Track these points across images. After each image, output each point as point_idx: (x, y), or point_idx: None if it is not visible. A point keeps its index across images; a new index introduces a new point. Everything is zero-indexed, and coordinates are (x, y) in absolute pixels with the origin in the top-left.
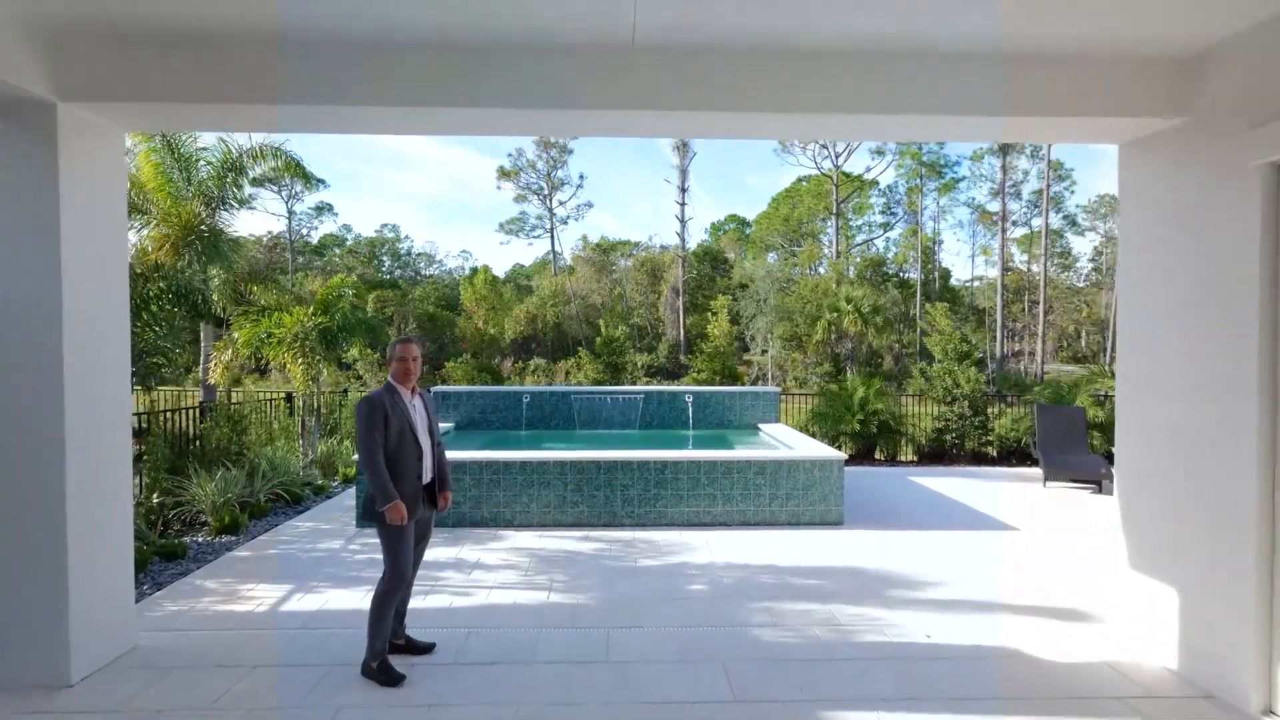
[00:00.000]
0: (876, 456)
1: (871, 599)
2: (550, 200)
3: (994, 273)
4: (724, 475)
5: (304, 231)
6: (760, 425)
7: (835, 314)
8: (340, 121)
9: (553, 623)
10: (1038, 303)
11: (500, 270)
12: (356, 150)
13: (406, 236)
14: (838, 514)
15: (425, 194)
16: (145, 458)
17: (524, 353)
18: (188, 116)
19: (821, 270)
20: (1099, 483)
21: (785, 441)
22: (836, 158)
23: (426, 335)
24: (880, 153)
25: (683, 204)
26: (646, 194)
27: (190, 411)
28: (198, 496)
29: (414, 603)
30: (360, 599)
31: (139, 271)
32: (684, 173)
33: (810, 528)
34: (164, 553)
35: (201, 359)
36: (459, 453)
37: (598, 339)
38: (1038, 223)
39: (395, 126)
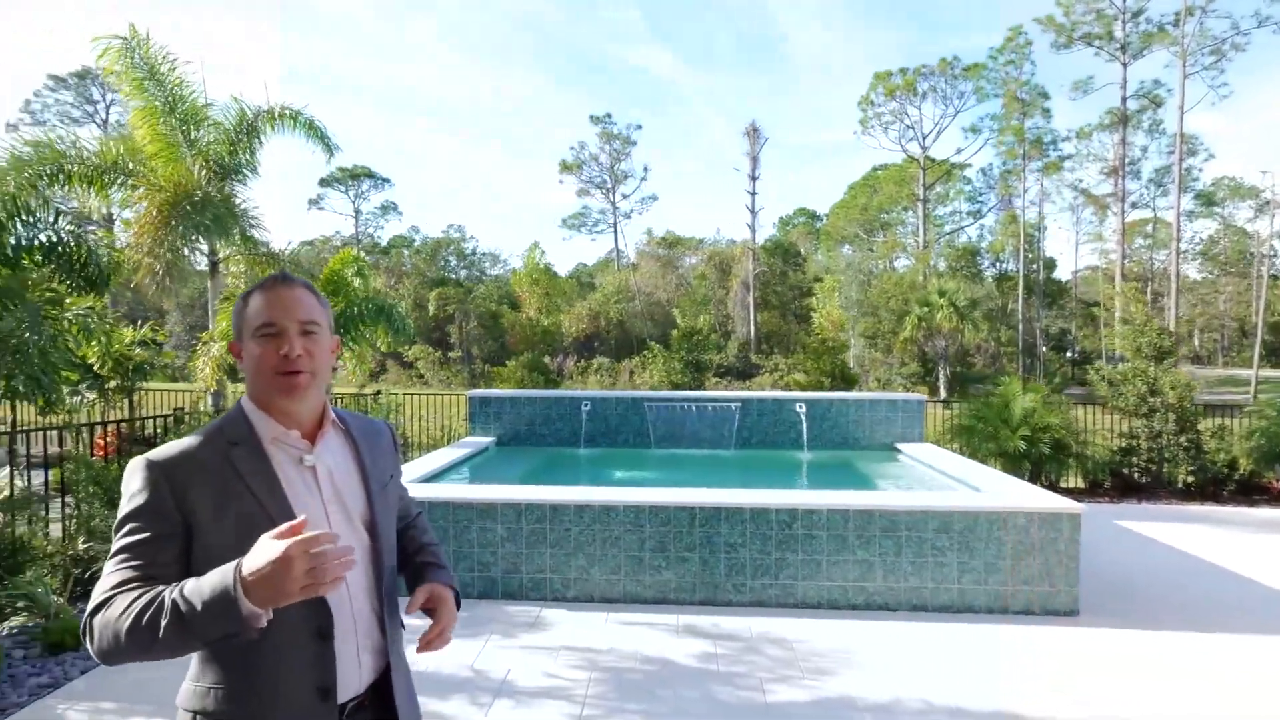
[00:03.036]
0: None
1: None
2: (613, 194)
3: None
4: (886, 533)
5: (371, 231)
6: (899, 445)
7: (926, 309)
8: None
9: None
10: (1162, 295)
11: (563, 269)
12: (419, 151)
13: (472, 237)
14: (1070, 598)
15: (489, 193)
16: (73, 488)
17: (586, 351)
18: None
19: (901, 262)
20: None
21: (955, 474)
22: (924, 139)
23: (488, 335)
24: (975, 130)
25: (753, 193)
26: (713, 186)
27: (153, 422)
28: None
29: None
30: None
31: None
32: (755, 160)
33: (1026, 619)
34: (53, 641)
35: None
36: (485, 489)
37: (674, 331)
38: (1161, 204)
39: None
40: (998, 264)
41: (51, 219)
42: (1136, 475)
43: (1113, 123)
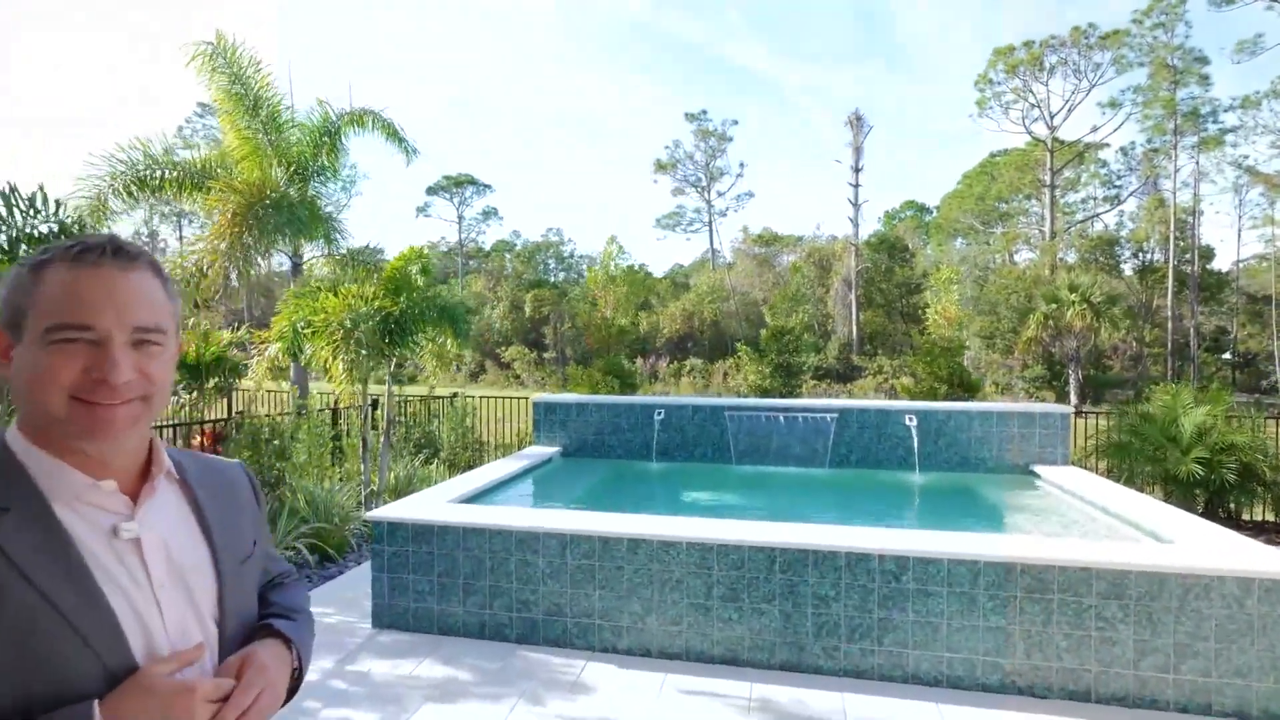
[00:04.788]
0: (1219, 514)
1: None
2: (708, 192)
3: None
4: (1030, 595)
5: (474, 236)
6: (1037, 469)
7: (1054, 305)
8: None
9: None
10: None
11: (659, 269)
12: (520, 157)
13: (570, 240)
14: None
15: (587, 195)
16: None
17: (680, 352)
18: None
19: (1023, 255)
20: None
21: (1119, 511)
22: (1051, 118)
23: (582, 336)
24: (1114, 105)
25: (856, 185)
26: (812, 181)
27: (211, 427)
28: None
29: None
30: None
31: None
32: (858, 151)
33: None
34: None
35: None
36: (526, 514)
37: (763, 332)
38: None
39: None
40: (1141, 254)
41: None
42: None
43: None
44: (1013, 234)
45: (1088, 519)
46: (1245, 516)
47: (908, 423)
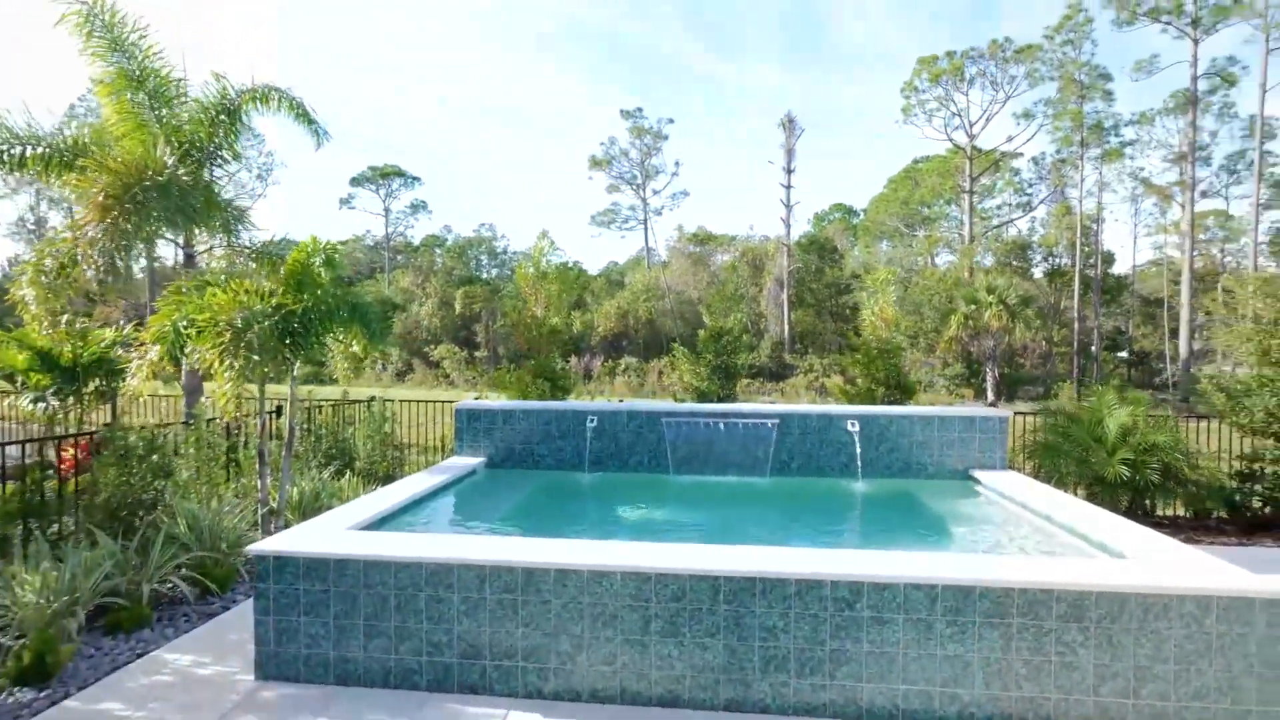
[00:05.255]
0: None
1: None
2: (644, 189)
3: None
4: (989, 619)
5: (402, 230)
6: (976, 474)
7: (973, 306)
8: None
9: None
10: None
11: (594, 268)
12: (451, 151)
13: (503, 235)
14: None
15: (521, 191)
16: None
17: (615, 351)
18: None
19: (944, 258)
20: None
21: (1066, 522)
22: (970, 127)
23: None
24: (1028, 115)
25: (789, 186)
26: (746, 183)
27: (88, 439)
28: (17, 600)
29: None
30: None
31: None
32: (790, 152)
33: None
34: None
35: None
36: (439, 543)
37: (701, 332)
38: (1235, 192)
39: None
40: (1050, 259)
41: None
42: (1260, 505)
43: (1179, 105)
44: (934, 237)
45: (1035, 529)
46: (1160, 512)
47: (850, 428)
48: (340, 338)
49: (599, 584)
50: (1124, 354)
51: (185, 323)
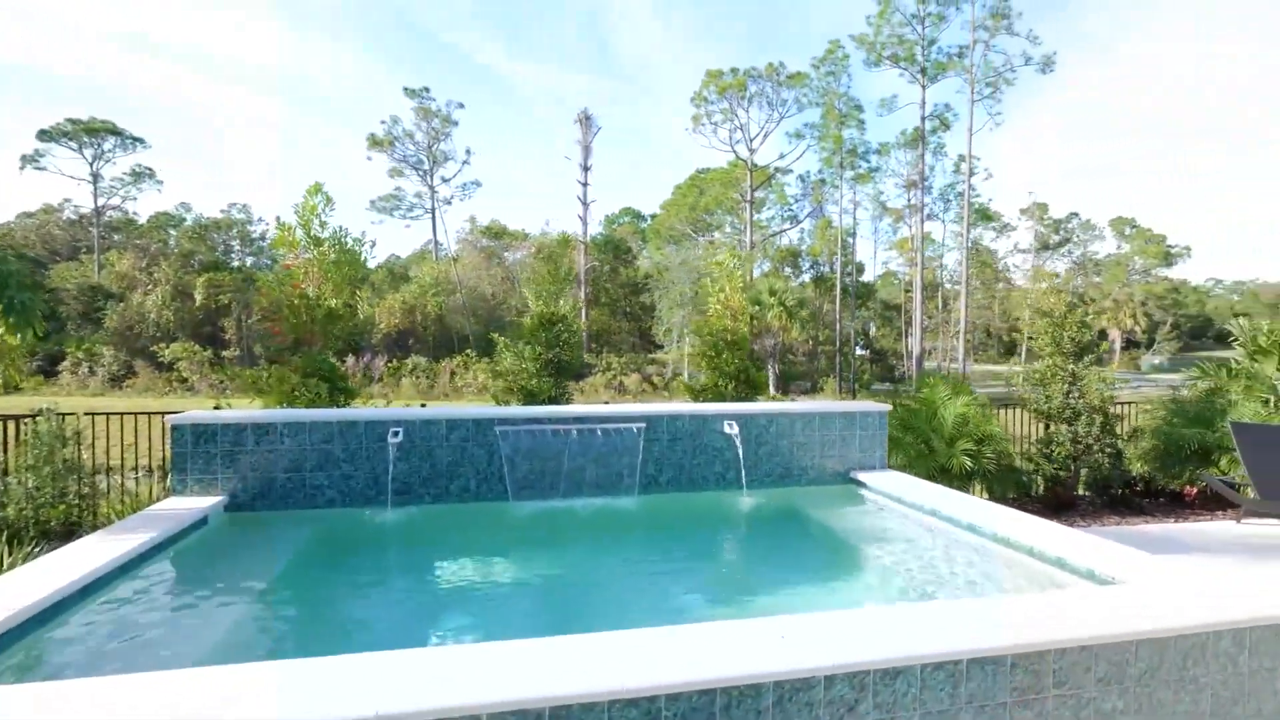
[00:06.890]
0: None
1: None
2: (431, 176)
3: (894, 267)
4: (1025, 699)
5: (119, 203)
6: (859, 476)
7: (757, 307)
8: None
9: None
10: (954, 299)
11: (372, 261)
12: (195, 114)
13: (260, 219)
14: None
15: (280, 167)
16: None
17: (400, 349)
18: None
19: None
20: None
21: (987, 527)
22: (751, 142)
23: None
24: (798, 136)
25: (585, 184)
26: (541, 179)
27: None
28: None
29: None
30: None
31: None
32: (587, 149)
33: None
34: None
35: None
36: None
37: (526, 319)
38: (947, 217)
39: None
40: (816, 267)
41: None
42: (1064, 486)
43: (910, 140)
44: (719, 243)
45: (972, 548)
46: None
47: (728, 430)
48: None
49: None
50: (864, 351)
51: None
